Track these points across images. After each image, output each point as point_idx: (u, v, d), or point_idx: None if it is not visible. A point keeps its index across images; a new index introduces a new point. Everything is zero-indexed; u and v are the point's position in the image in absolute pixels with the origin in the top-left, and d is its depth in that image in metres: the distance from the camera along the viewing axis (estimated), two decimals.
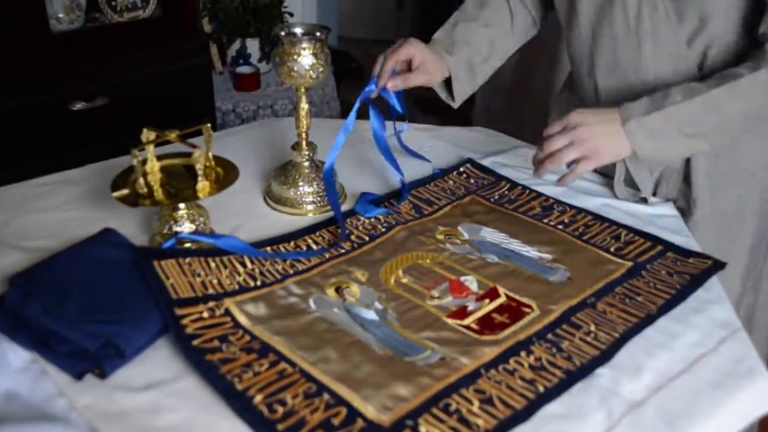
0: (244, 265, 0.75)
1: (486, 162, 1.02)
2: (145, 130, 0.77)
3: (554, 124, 0.80)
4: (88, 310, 0.65)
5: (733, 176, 0.90)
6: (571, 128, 0.78)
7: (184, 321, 0.65)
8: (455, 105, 1.00)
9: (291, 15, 2.08)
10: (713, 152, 0.88)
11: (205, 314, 0.67)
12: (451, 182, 0.96)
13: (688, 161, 0.90)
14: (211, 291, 0.70)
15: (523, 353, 0.65)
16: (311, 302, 0.71)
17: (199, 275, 0.71)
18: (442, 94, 1.01)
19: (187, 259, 0.72)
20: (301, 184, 0.89)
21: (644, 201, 0.92)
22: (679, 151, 0.82)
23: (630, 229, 0.85)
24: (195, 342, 0.64)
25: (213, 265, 0.74)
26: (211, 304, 0.69)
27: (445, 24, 0.99)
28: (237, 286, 0.72)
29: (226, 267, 0.74)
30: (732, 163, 0.89)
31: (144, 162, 0.77)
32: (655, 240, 0.83)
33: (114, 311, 0.65)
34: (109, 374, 0.61)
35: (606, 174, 0.97)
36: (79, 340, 0.61)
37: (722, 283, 0.77)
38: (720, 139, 0.83)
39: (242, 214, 0.88)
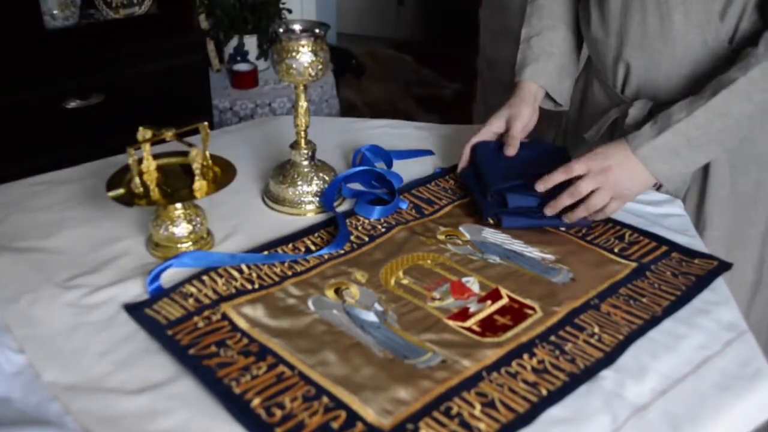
0: (240, 271, 0.74)
1: None
2: (141, 129, 0.76)
3: (576, 164, 0.81)
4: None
5: (752, 160, 0.90)
6: (598, 171, 0.80)
7: (178, 336, 0.65)
8: (566, 107, 1.02)
9: (289, 11, 2.07)
10: None
11: (201, 324, 0.66)
12: (452, 182, 0.96)
13: None
14: (206, 302, 0.69)
15: (525, 356, 0.64)
16: (310, 303, 0.70)
17: (191, 296, 0.70)
18: (548, 106, 1.02)
19: (177, 289, 0.71)
20: (299, 183, 0.88)
21: (657, 188, 0.92)
22: (696, 163, 0.84)
23: (634, 229, 0.84)
24: (190, 351, 0.63)
25: (206, 278, 0.73)
26: (206, 313, 0.68)
27: (521, 46, 1.00)
28: (234, 290, 0.71)
29: (221, 276, 0.73)
30: (752, 147, 0.89)
31: (140, 161, 0.76)
32: (660, 240, 0.82)
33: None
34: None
35: None
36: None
37: (734, 272, 0.76)
38: (732, 141, 0.83)
39: (240, 214, 0.87)
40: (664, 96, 0.91)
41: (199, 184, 0.76)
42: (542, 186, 0.82)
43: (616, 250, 0.81)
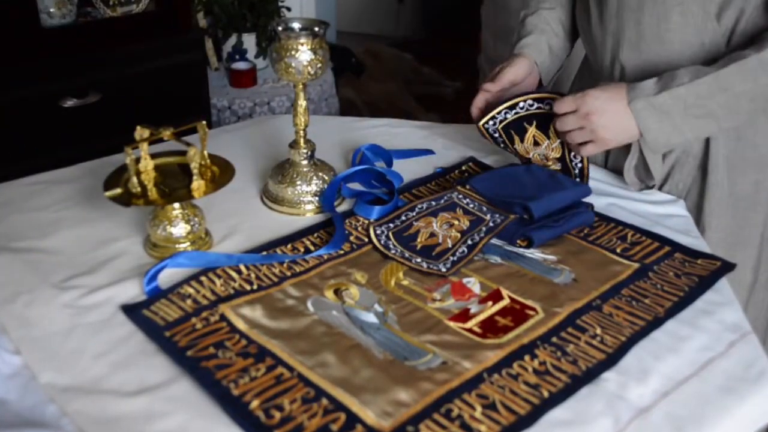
0: (239, 272, 0.74)
1: (488, 160, 1.01)
2: (138, 128, 0.75)
3: (566, 100, 0.84)
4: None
5: (751, 161, 0.90)
6: (584, 114, 0.82)
7: (176, 337, 0.64)
8: (545, 84, 1.03)
9: (288, 9, 2.06)
10: (734, 135, 0.88)
11: (199, 325, 0.66)
12: (452, 181, 0.95)
13: (707, 144, 0.90)
14: (204, 303, 0.69)
15: (527, 357, 0.63)
16: (309, 304, 0.70)
17: (189, 296, 0.70)
18: None
19: (175, 290, 0.70)
20: (299, 183, 0.87)
21: (650, 188, 0.92)
22: (686, 133, 0.82)
23: (637, 230, 0.84)
24: (189, 353, 0.62)
25: (204, 279, 0.72)
26: (204, 314, 0.67)
27: (517, 27, 1.03)
28: (232, 291, 0.71)
29: (219, 277, 0.72)
30: (752, 148, 0.89)
31: (137, 160, 0.75)
32: (663, 241, 0.81)
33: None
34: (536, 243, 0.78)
35: (615, 170, 0.97)
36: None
37: (732, 274, 0.76)
38: (729, 120, 0.82)
39: (238, 213, 0.87)
40: None
41: (197, 184, 0.75)
42: (557, 110, 0.85)
43: (618, 250, 0.80)
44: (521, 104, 0.94)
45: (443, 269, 0.75)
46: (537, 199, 0.82)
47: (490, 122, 0.95)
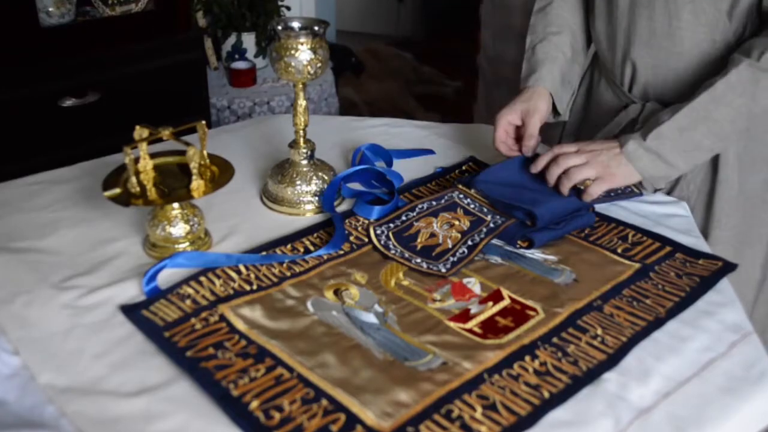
0: (238, 272, 0.73)
1: (488, 160, 1.01)
2: (137, 128, 0.75)
3: (567, 143, 0.84)
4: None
5: (762, 159, 0.90)
6: (587, 150, 0.82)
7: (175, 338, 0.64)
8: (565, 118, 1.01)
9: (288, 8, 2.06)
10: (745, 134, 0.89)
11: (198, 326, 0.66)
12: (453, 181, 0.95)
13: None
14: (203, 303, 0.69)
15: (527, 358, 0.63)
16: (309, 305, 0.69)
17: (188, 297, 0.69)
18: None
19: (174, 290, 0.70)
20: (298, 183, 0.87)
21: (658, 189, 0.91)
22: (681, 167, 0.84)
23: (638, 230, 0.83)
24: (188, 353, 0.62)
25: (203, 279, 0.72)
26: (203, 314, 0.67)
27: (526, 54, 0.99)
28: (232, 292, 0.71)
29: (219, 277, 0.72)
30: (762, 147, 0.89)
31: (136, 160, 0.75)
32: (664, 241, 0.81)
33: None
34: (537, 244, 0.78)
35: None
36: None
37: (741, 270, 0.76)
38: (718, 145, 0.85)
39: (238, 214, 0.87)
40: (671, 95, 0.90)
41: (197, 184, 0.75)
42: (534, 168, 0.85)
43: (619, 250, 0.80)
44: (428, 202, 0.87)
45: (443, 270, 0.75)
46: (540, 205, 0.81)
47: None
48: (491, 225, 0.82)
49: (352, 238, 0.81)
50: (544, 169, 0.86)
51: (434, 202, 0.85)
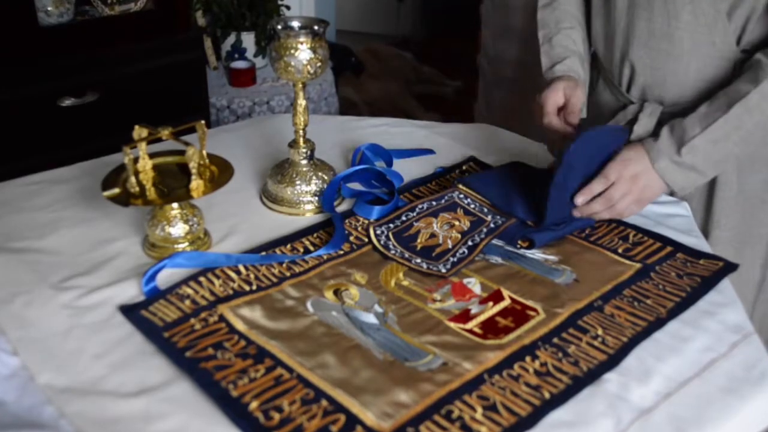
0: (238, 272, 0.73)
1: (489, 160, 1.01)
2: (137, 127, 0.75)
3: (595, 184, 0.81)
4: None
5: (761, 160, 0.90)
6: (627, 179, 0.81)
7: (175, 338, 0.64)
8: (583, 115, 0.97)
9: (288, 8, 2.06)
10: None
11: (198, 326, 0.66)
12: (453, 180, 0.94)
13: None
14: (203, 303, 0.68)
15: (528, 358, 0.63)
16: (309, 305, 0.69)
17: (188, 297, 0.69)
18: None
19: (174, 290, 0.70)
20: (298, 183, 0.87)
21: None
22: (709, 175, 0.85)
23: (639, 230, 0.83)
24: (187, 354, 0.62)
25: (203, 279, 0.72)
26: (203, 315, 0.67)
27: (542, 48, 0.98)
28: (231, 292, 0.70)
29: (218, 278, 0.72)
30: (761, 147, 0.89)
31: (136, 160, 0.75)
32: (665, 241, 0.81)
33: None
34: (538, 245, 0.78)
35: None
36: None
37: (741, 271, 0.76)
38: (745, 151, 0.85)
39: (237, 214, 0.87)
40: (670, 96, 0.90)
41: (196, 184, 0.75)
42: (582, 199, 0.82)
43: (620, 250, 0.80)
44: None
45: (443, 270, 0.75)
46: (540, 210, 0.81)
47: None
48: (491, 225, 0.82)
49: (352, 238, 0.80)
50: (540, 171, 0.86)
51: (434, 202, 0.85)
